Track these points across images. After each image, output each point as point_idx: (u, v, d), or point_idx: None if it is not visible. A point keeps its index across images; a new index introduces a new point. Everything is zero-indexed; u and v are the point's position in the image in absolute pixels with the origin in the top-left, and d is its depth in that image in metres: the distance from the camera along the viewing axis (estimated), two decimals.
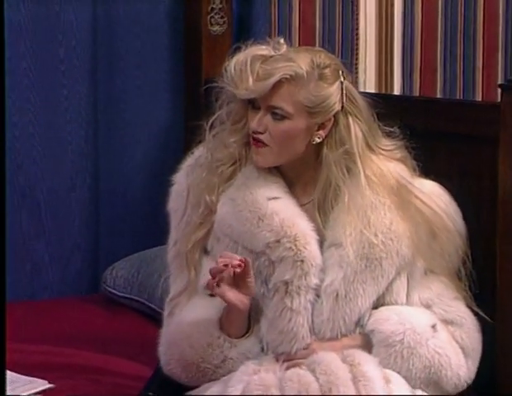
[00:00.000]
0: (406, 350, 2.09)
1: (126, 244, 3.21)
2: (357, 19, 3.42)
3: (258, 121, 2.09)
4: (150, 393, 2.23)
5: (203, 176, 2.18)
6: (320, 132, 2.12)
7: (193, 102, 3.26)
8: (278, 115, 2.08)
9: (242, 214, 2.13)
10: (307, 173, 2.18)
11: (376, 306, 2.15)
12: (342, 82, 2.12)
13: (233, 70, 2.07)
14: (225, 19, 3.33)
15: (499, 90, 2.38)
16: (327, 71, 2.10)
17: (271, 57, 2.08)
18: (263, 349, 2.11)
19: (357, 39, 3.43)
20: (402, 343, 2.09)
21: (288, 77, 2.06)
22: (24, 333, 2.77)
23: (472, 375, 2.19)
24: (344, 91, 2.11)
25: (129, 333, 2.82)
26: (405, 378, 2.10)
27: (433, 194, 2.21)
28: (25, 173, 3.15)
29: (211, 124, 2.20)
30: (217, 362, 2.09)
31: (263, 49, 2.10)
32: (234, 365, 2.08)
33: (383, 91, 3.41)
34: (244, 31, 3.32)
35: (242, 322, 2.10)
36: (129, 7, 3.24)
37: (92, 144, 3.24)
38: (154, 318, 2.87)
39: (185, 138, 3.23)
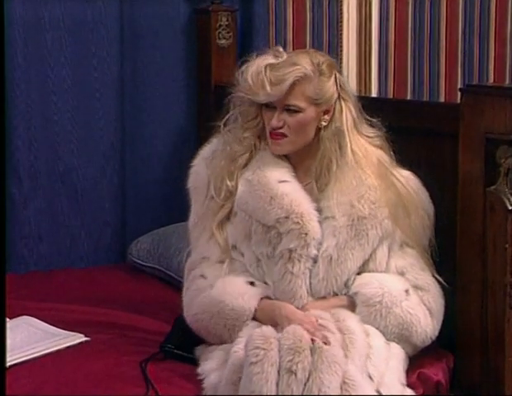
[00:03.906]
0: (384, 309, 2.10)
1: (149, 222, 3.18)
2: (340, 36, 3.41)
3: (277, 119, 2.12)
4: (169, 345, 2.23)
5: (222, 164, 2.19)
6: (325, 117, 2.16)
7: (204, 105, 3.25)
8: (292, 111, 2.12)
9: (257, 193, 2.15)
10: (308, 158, 2.19)
11: (361, 271, 2.16)
12: (336, 74, 2.16)
13: (250, 81, 2.10)
14: (231, 34, 3.32)
15: (459, 93, 2.38)
16: (324, 67, 2.14)
17: (277, 64, 2.10)
18: None
19: (341, 51, 3.42)
20: (381, 304, 2.10)
21: (299, 78, 2.09)
22: (64, 295, 2.77)
23: (437, 332, 2.20)
24: (338, 82, 2.16)
25: (151, 296, 2.81)
26: (382, 333, 2.11)
27: (408, 178, 2.23)
28: (64, 163, 3.13)
29: (225, 122, 2.22)
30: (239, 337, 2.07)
31: (269, 59, 2.12)
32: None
33: (363, 94, 3.41)
34: (246, 44, 3.31)
35: None
36: (150, 25, 3.22)
37: (119, 138, 3.21)
38: (172, 284, 2.88)
39: (198, 134, 3.23)
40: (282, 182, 2.15)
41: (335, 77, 2.16)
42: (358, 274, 2.16)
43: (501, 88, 2.50)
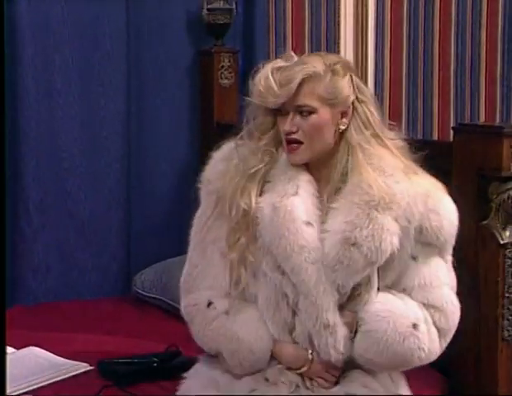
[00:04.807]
0: (383, 345, 1.91)
1: (152, 255, 3.17)
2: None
3: (289, 123, 1.90)
4: (154, 358, 2.22)
5: (236, 181, 1.93)
6: (344, 120, 1.92)
7: (207, 142, 3.24)
8: (305, 113, 1.89)
9: (280, 230, 1.87)
10: (330, 169, 1.94)
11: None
12: (351, 75, 1.94)
13: (259, 86, 1.90)
14: (233, 74, 3.33)
15: (452, 131, 2.37)
16: (338, 66, 1.92)
17: (286, 66, 1.90)
18: None
19: None
20: (381, 339, 1.91)
21: (307, 76, 1.88)
22: (71, 326, 2.75)
23: (441, 351, 1.98)
24: (355, 83, 1.93)
25: (154, 325, 2.80)
26: (374, 358, 1.93)
27: (432, 182, 1.97)
28: (72, 199, 3.13)
29: (241, 137, 1.98)
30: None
31: (279, 62, 1.92)
32: None
33: None
34: (247, 84, 3.30)
35: None
36: (156, 65, 3.24)
37: (125, 174, 3.21)
38: (174, 314, 2.85)
39: (200, 170, 3.21)
40: (307, 225, 1.88)
41: (351, 78, 1.93)
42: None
43: (492, 127, 2.50)
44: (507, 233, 2.43)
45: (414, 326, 1.92)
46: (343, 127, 1.92)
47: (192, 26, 3.29)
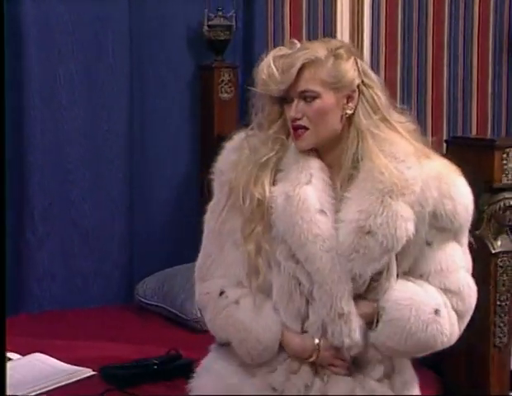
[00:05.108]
0: (406, 333, 1.86)
1: (154, 264, 3.18)
2: None
3: (294, 109, 1.84)
4: (155, 360, 2.21)
5: (249, 170, 1.87)
6: (350, 104, 1.85)
7: (207, 154, 3.23)
8: (309, 98, 1.83)
9: (294, 217, 1.82)
10: (341, 155, 1.88)
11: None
12: (356, 59, 1.87)
13: (262, 74, 1.85)
14: (232, 88, 3.34)
15: (445, 144, 2.38)
16: (340, 51, 1.85)
17: (289, 54, 1.85)
18: None
19: None
20: (405, 328, 1.85)
21: (309, 61, 1.82)
22: (75, 333, 2.76)
23: (460, 334, 1.93)
24: (360, 67, 1.86)
25: (155, 331, 2.81)
26: (397, 346, 1.87)
27: (444, 163, 1.91)
28: (76, 209, 3.14)
29: (251, 129, 1.93)
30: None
31: (281, 50, 1.87)
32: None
33: None
34: (246, 98, 3.32)
35: None
36: (158, 80, 3.26)
37: (127, 185, 3.23)
38: (175, 321, 2.88)
39: (200, 182, 3.24)
40: (320, 213, 1.83)
41: (355, 62, 1.86)
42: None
43: (484, 140, 2.51)
44: (498, 243, 2.45)
45: (436, 312, 1.87)
46: (349, 111, 1.86)
47: (194, 42, 3.31)
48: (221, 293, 1.91)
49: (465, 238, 1.92)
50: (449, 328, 1.88)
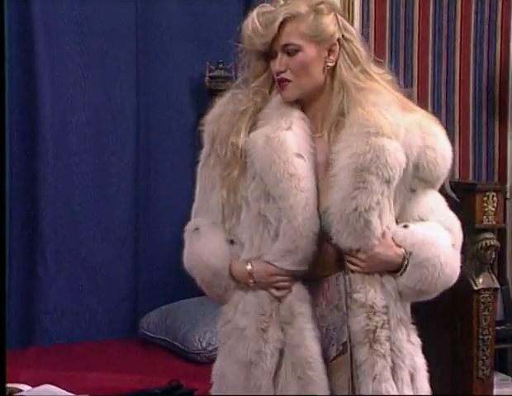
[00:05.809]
0: (438, 271, 1.85)
1: (158, 299, 3.21)
2: None
3: (278, 63, 1.87)
4: (157, 390, 2.23)
5: (229, 119, 1.89)
6: (331, 57, 1.88)
7: None
8: (292, 51, 1.86)
9: (272, 156, 1.84)
10: (323, 108, 1.90)
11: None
12: (336, 14, 1.89)
13: (246, 30, 1.87)
14: None
15: None
16: (321, 6, 1.88)
17: (272, 10, 1.88)
18: None
19: None
20: (435, 266, 1.85)
21: (290, 16, 1.85)
22: (83, 365, 2.80)
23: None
24: (340, 22, 1.89)
25: (158, 363, 2.84)
26: (426, 287, 1.87)
27: (428, 115, 1.93)
28: (85, 247, 3.20)
29: (237, 85, 1.95)
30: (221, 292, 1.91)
31: (265, 7, 1.89)
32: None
33: None
34: None
35: None
36: (163, 129, 3.31)
37: (133, 225, 3.28)
38: (177, 353, 2.91)
39: None
40: (298, 156, 1.85)
41: (335, 16, 1.88)
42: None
43: (467, 184, 2.57)
44: (480, 280, 2.50)
45: (453, 245, 1.91)
46: (330, 64, 1.88)
47: (195, 92, 3.37)
48: (195, 229, 1.95)
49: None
50: (457, 259, 1.92)
